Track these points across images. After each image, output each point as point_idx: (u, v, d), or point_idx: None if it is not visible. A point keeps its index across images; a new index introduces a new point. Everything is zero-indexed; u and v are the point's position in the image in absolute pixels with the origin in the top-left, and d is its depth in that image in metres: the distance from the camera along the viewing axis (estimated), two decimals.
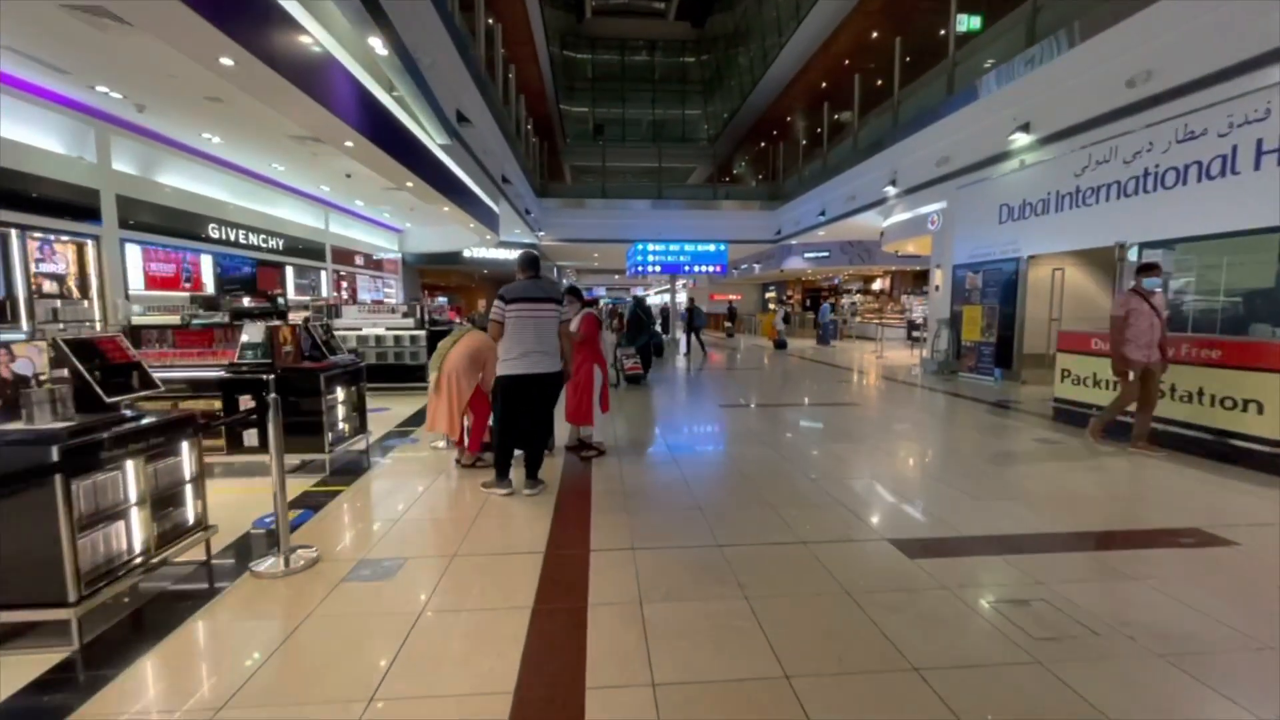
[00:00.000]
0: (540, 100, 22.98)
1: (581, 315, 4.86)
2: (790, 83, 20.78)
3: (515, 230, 18.19)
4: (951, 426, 6.33)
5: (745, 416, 6.86)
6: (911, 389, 9.24)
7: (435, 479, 4.35)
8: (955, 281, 11.25)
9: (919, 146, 12.23)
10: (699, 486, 4.14)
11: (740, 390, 9.17)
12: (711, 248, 17.16)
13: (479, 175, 10.67)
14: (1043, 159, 9.09)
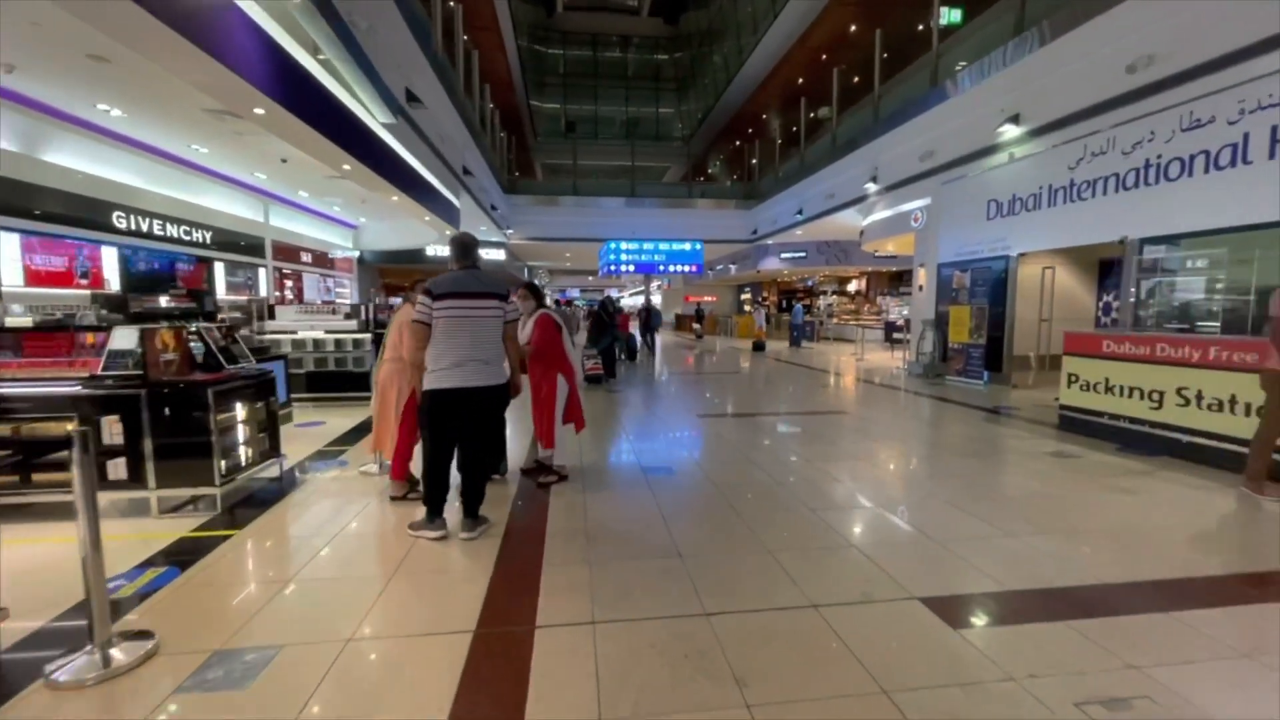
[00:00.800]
0: (508, 92, 22.06)
1: (536, 318, 4.08)
2: (766, 79, 20.32)
3: (481, 227, 17.25)
4: (952, 438, 5.75)
5: (725, 428, 6.17)
6: (898, 394, 8.70)
7: (354, 518, 3.53)
8: (940, 281, 10.80)
9: (901, 141, 11.78)
10: (678, 523, 3.42)
11: (718, 397, 8.50)
12: (687, 247, 16.53)
13: (435, 164, 9.79)
14: (1034, 152, 8.67)
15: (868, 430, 6.06)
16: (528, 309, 4.15)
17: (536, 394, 4.18)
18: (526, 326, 4.08)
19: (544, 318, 4.08)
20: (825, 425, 6.25)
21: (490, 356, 3.10)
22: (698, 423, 6.49)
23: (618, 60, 33.01)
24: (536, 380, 4.15)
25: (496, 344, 3.15)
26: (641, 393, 8.85)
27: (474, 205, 13.72)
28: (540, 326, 4.06)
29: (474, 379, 3.02)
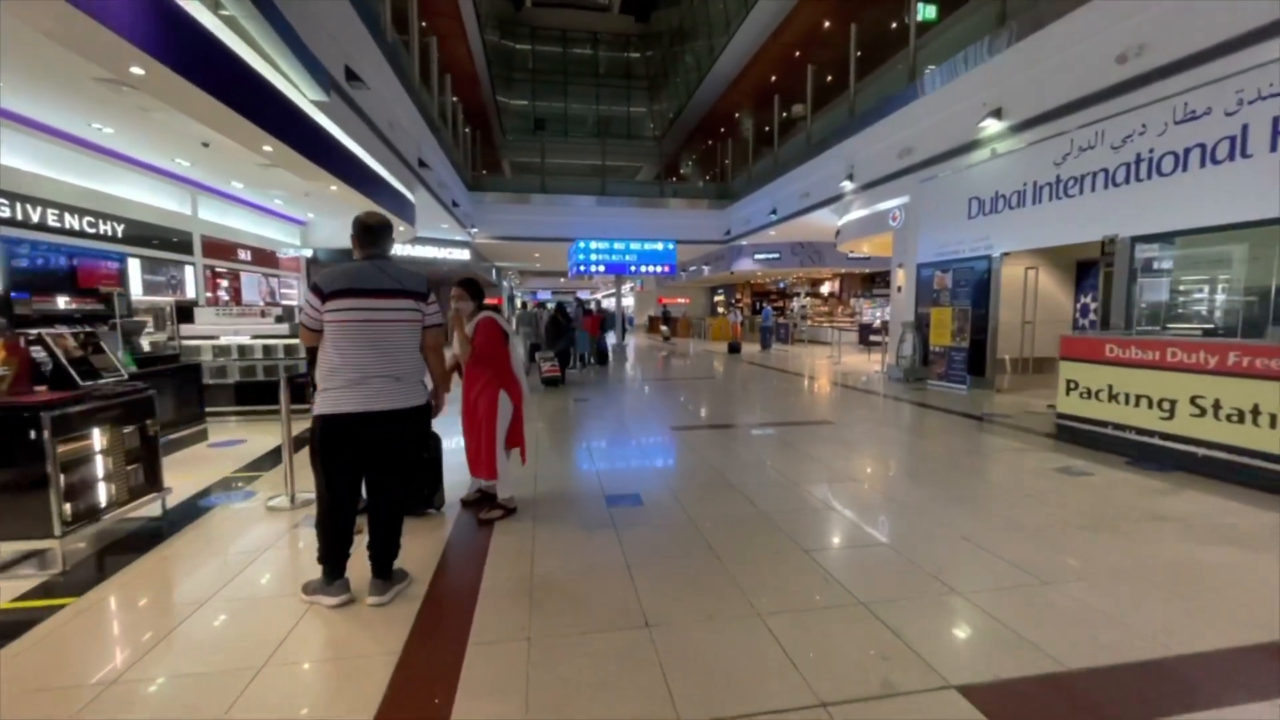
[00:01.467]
0: (472, 86, 21.17)
1: (477, 323, 3.40)
2: (738, 76, 19.93)
3: (442, 225, 16.37)
4: (948, 452, 5.25)
5: (701, 443, 5.57)
6: (881, 400, 8.25)
7: (237, 575, 2.79)
8: (920, 281, 10.44)
9: (878, 139, 11.42)
10: (645, 573, 2.78)
11: (692, 405, 7.91)
12: (659, 246, 15.96)
13: (383, 152, 8.98)
14: (1016, 147, 8.33)
15: (857, 444, 5.53)
16: (465, 311, 3.46)
17: (471, 413, 3.49)
18: (466, 329, 3.40)
19: (486, 322, 3.39)
20: (810, 438, 5.70)
21: (403, 371, 2.42)
22: (670, 436, 5.87)
23: (588, 58, 32.32)
24: (473, 396, 3.46)
25: (411, 356, 2.47)
26: (610, 400, 8.21)
27: (432, 201, 12.87)
28: (482, 332, 3.38)
29: (379, 400, 2.33)
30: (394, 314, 2.39)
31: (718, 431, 6.03)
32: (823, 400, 8.41)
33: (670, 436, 5.85)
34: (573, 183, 22.58)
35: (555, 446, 5.43)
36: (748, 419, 6.82)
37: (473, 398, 3.43)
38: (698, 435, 5.87)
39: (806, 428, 6.19)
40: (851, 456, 5.03)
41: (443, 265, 19.56)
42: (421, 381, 2.53)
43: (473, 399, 3.43)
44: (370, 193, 8.69)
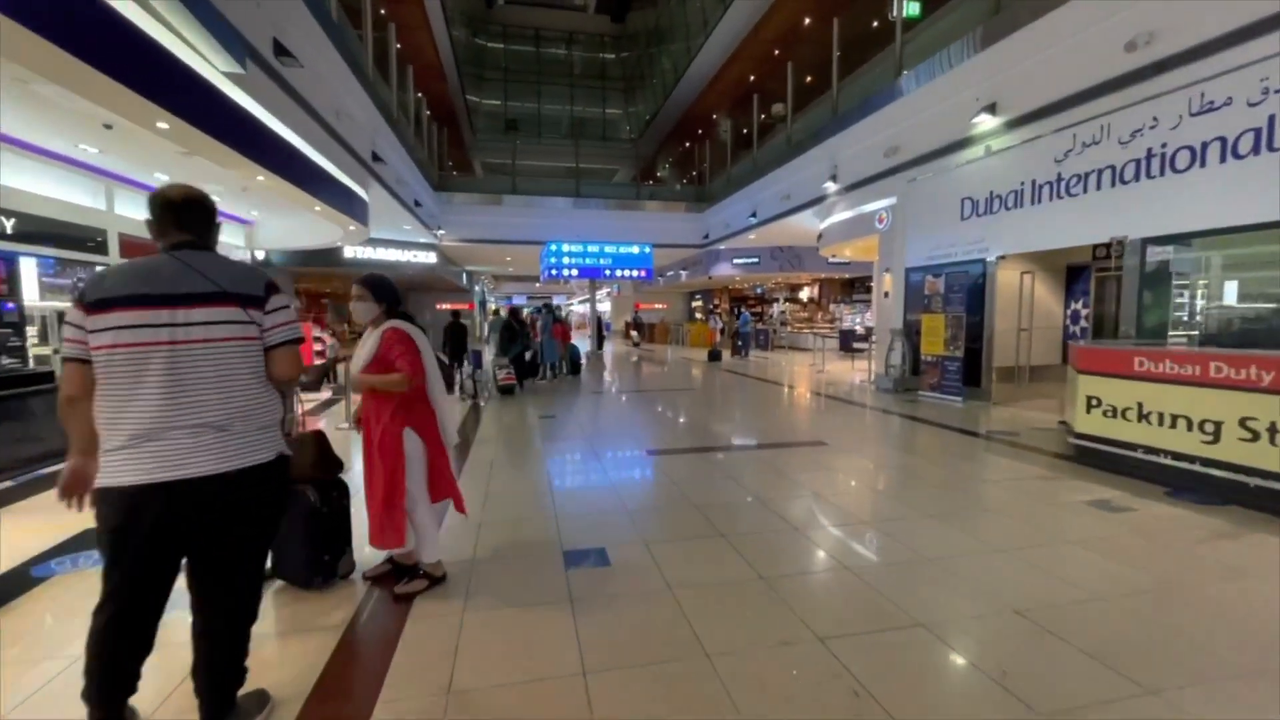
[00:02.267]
0: (438, 81, 20.24)
1: (381, 335, 2.59)
2: (716, 75, 19.41)
3: (405, 226, 15.40)
4: (961, 481, 4.62)
5: (681, 472, 4.84)
6: (872, 415, 7.64)
7: (48, 683, 1.94)
8: (909, 286, 9.92)
9: (863, 137, 10.91)
10: (609, 690, 2.02)
11: (670, 421, 7.19)
12: (636, 250, 15.26)
13: (327, 143, 8.07)
14: (1013, 144, 7.85)
15: (858, 472, 4.86)
16: (363, 314, 2.65)
17: (370, 460, 2.67)
18: (365, 348, 2.59)
19: (393, 334, 2.58)
20: (806, 464, 5.01)
21: (229, 415, 1.60)
22: (645, 462, 5.12)
23: (562, 58, 31.58)
24: (374, 439, 2.64)
25: (244, 391, 1.66)
26: (580, 416, 7.44)
27: (390, 200, 11.94)
28: (392, 345, 2.56)
29: (185, 464, 1.52)
30: (208, 330, 1.58)
31: (700, 457, 5.30)
32: (811, 415, 7.76)
33: (646, 463, 5.10)
34: (546, 184, 21.83)
35: (509, 480, 4.63)
36: (732, 438, 6.10)
37: (373, 440, 2.61)
38: (677, 461, 5.13)
39: (799, 450, 5.51)
40: (855, 490, 4.34)
41: (406, 269, 18.54)
42: (269, 428, 1.72)
43: (373, 442, 2.61)
44: (312, 187, 7.79)
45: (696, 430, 6.58)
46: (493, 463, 5.09)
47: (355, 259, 17.04)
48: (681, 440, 6.06)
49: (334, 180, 8.60)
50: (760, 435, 6.30)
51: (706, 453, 5.43)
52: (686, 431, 6.52)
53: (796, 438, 6.10)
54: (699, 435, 6.30)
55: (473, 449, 5.61)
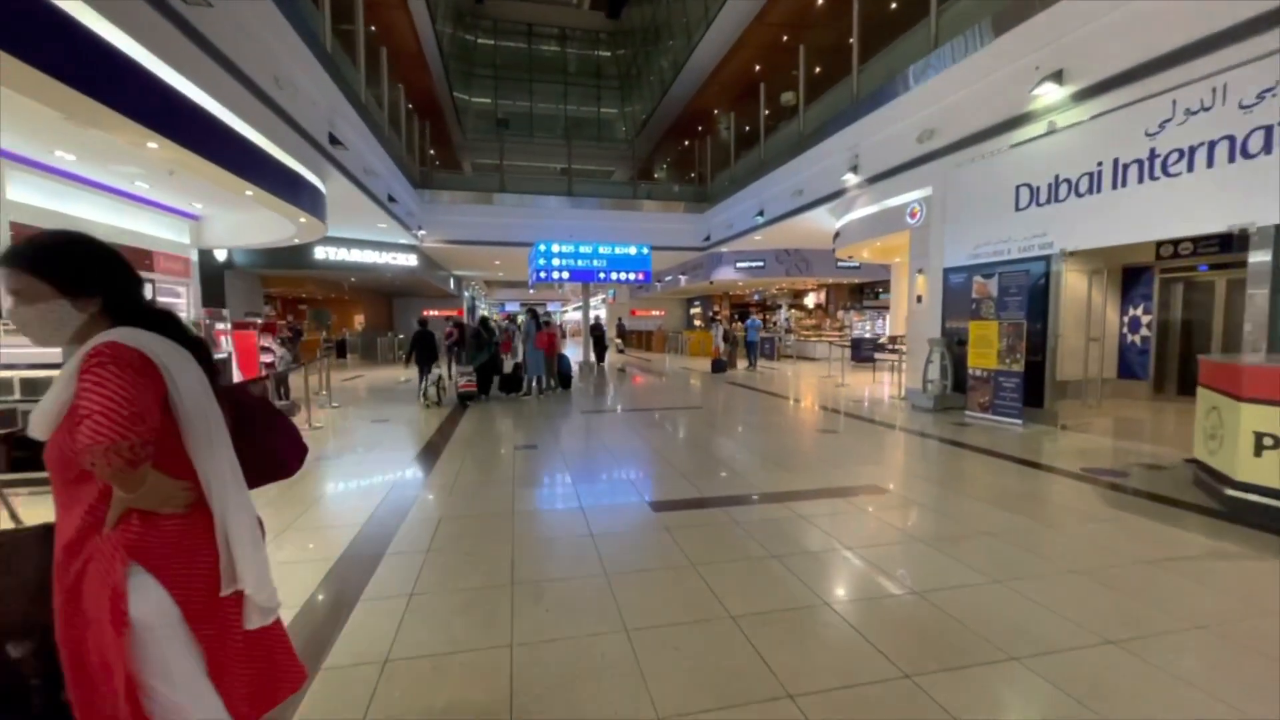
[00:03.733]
0: (418, 69, 18.92)
1: (84, 361, 1.13)
2: (719, 66, 18.18)
3: (380, 225, 14.04)
4: (1097, 554, 3.29)
5: (700, 546, 3.48)
6: (922, 443, 6.30)
7: None
8: (948, 289, 8.62)
9: (890, 121, 9.64)
10: None
11: (677, 455, 5.81)
12: (633, 251, 13.92)
13: (259, 113, 6.70)
14: (1087, 117, 6.57)
15: (948, 545, 3.49)
16: (25, 321, 1.22)
17: (69, 628, 1.19)
18: (54, 391, 1.19)
19: (104, 353, 1.14)
20: (867, 527, 3.66)
21: None
22: (647, 526, 3.75)
23: (555, 55, 30.40)
24: (64, 584, 1.18)
25: None
26: (565, 446, 6.06)
27: (356, 192, 10.57)
28: (82, 393, 1.12)
29: None
30: None
31: (722, 513, 3.93)
32: (850, 444, 6.40)
33: (648, 527, 3.73)
34: (537, 184, 20.57)
35: (456, 566, 3.25)
36: (761, 481, 4.73)
37: (66, 586, 1.20)
38: (692, 523, 3.76)
39: (855, 502, 4.14)
40: (957, 583, 2.97)
41: (385, 271, 17.18)
42: None
43: (65, 589, 1.20)
44: (238, 165, 6.43)
45: (713, 468, 5.21)
46: (441, 521, 3.72)
47: (327, 260, 15.67)
48: (696, 484, 4.69)
49: (273, 161, 7.23)
50: (798, 476, 4.93)
51: (730, 506, 4.06)
52: (701, 471, 5.14)
53: (845, 480, 4.73)
54: (718, 477, 4.92)
55: (415, 505, 4.22)
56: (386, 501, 4.13)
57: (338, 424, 7.59)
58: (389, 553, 3.25)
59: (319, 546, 3.39)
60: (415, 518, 3.79)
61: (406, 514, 3.85)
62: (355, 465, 5.33)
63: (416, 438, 6.59)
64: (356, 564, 3.11)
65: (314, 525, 3.77)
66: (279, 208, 7.81)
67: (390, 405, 9.23)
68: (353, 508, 4.00)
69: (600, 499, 4.26)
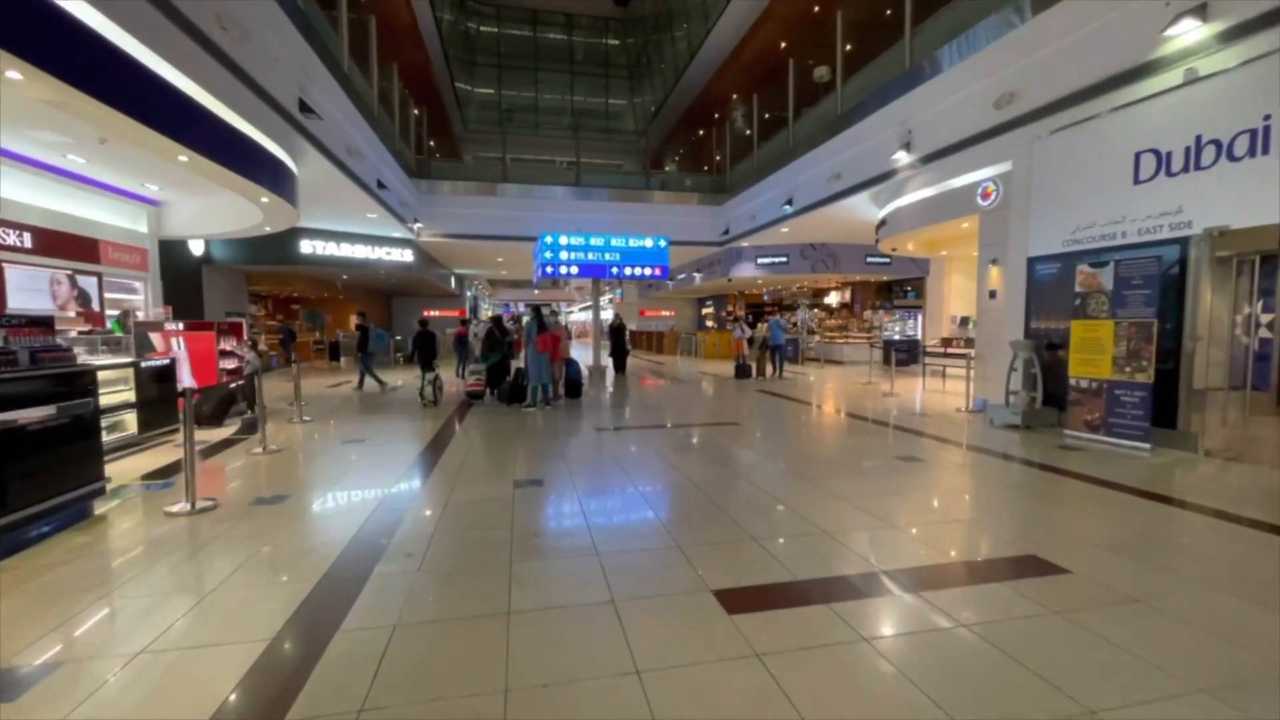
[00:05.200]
0: (414, 48, 17.62)
1: None
2: (740, 45, 16.81)
3: (369, 215, 12.73)
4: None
5: (820, 666, 2.10)
6: (1040, 479, 4.89)
7: None
8: (1035, 282, 7.21)
9: (956, 87, 8.24)
10: None
11: (725, 499, 4.43)
12: (648, 244, 12.54)
13: (197, 60, 5.38)
14: (1235, 63, 5.15)
15: (1235, 682, 2.09)
16: None
17: None
18: None
19: None
20: (1092, 658, 2.27)
21: None
22: (725, 642, 2.38)
23: (561, 44, 29.08)
24: None
25: None
26: (578, 482, 4.69)
27: (337, 174, 9.24)
28: None
29: None
30: None
31: (831, 616, 2.55)
32: (953, 482, 4.98)
33: (723, 644, 2.35)
34: (540, 170, 19.27)
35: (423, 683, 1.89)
36: (865, 548, 3.34)
37: None
38: (789, 634, 2.39)
39: (1024, 592, 2.74)
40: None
41: (379, 268, 15.86)
42: None
43: None
44: (174, 127, 5.10)
45: (791, 524, 3.80)
46: (386, 661, 2.36)
47: (314, 255, 14.37)
48: (775, 553, 3.30)
49: (216, 122, 5.89)
50: (911, 538, 3.53)
51: (844, 602, 2.67)
52: (775, 528, 3.75)
53: (984, 545, 3.34)
54: (804, 541, 3.52)
55: (359, 603, 2.85)
56: (313, 602, 2.76)
57: (302, 445, 6.25)
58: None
59: (182, 688, 2.03)
60: (350, 643, 2.42)
61: (337, 628, 2.48)
62: (291, 523, 3.97)
63: (391, 467, 5.24)
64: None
65: (194, 642, 2.42)
66: (231, 182, 6.48)
67: (371, 420, 7.88)
68: (256, 616, 2.63)
69: (639, 583, 2.88)
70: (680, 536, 3.44)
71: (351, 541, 3.38)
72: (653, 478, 4.83)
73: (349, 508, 4.06)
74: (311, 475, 5.00)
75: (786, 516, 3.82)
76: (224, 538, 3.47)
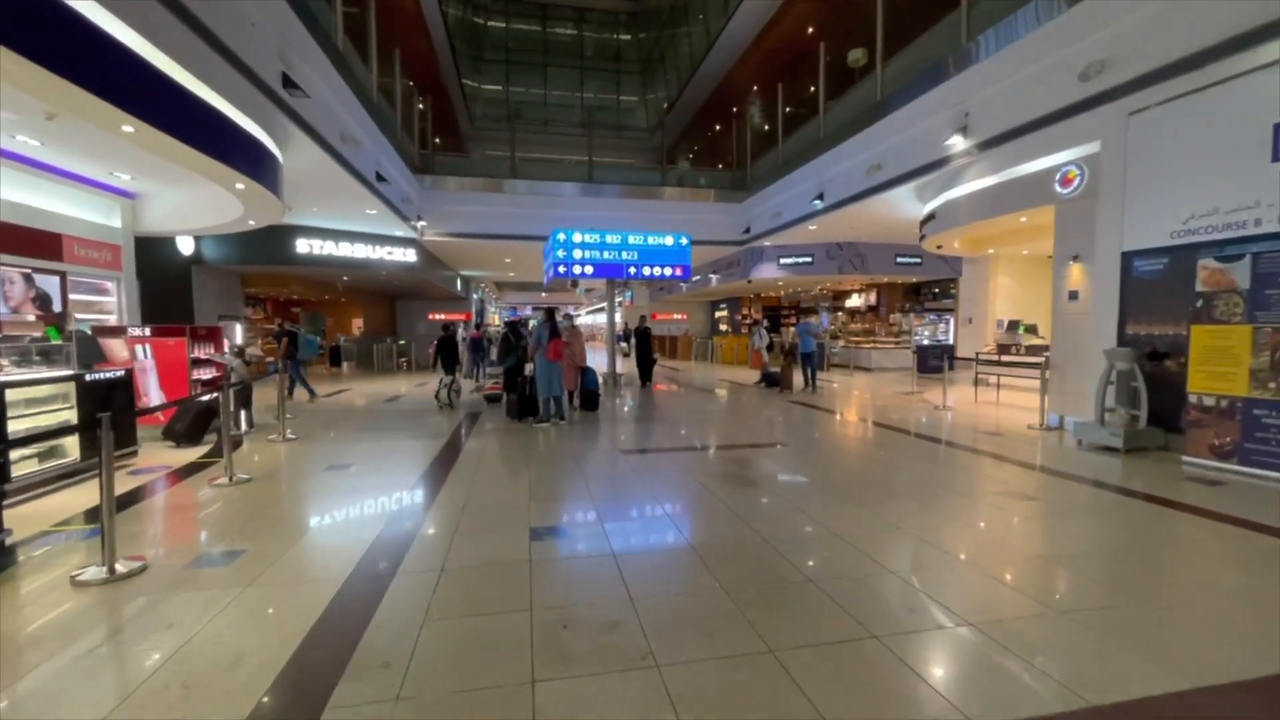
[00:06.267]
0: (418, 34, 16.80)
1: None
2: (763, 31, 15.86)
3: (369, 211, 11.83)
4: None
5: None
6: (1173, 521, 3.87)
7: None
8: (1130, 281, 6.18)
9: (1027, 60, 7.24)
10: None
11: (813, 551, 3.45)
12: (668, 241, 11.59)
13: (148, 15, 4.47)
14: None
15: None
16: None
17: None
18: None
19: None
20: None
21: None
22: None
23: (571, 39, 28.22)
24: None
25: None
26: (609, 523, 3.72)
27: (331, 164, 8.34)
28: None
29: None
30: None
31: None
32: (1096, 533, 3.97)
33: None
34: (549, 167, 18.40)
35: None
36: (1060, 679, 2.36)
37: None
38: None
39: None
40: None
41: (380, 269, 14.97)
42: None
43: None
44: (118, 92, 4.18)
45: (919, 614, 2.82)
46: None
47: (311, 254, 13.50)
48: (923, 672, 2.33)
49: (170, 86, 4.96)
50: (1115, 648, 2.54)
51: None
52: (897, 621, 2.77)
53: (1219, 664, 2.35)
54: (952, 646, 2.54)
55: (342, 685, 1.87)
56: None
57: (277, 472, 5.31)
58: None
59: None
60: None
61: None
62: (232, 603, 3.01)
63: (377, 504, 4.28)
64: None
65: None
66: (195, 162, 5.56)
67: (364, 439, 6.95)
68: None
69: (719, 712, 1.90)
70: (769, 631, 2.45)
71: (308, 639, 2.41)
72: (707, 527, 3.84)
73: (315, 573, 3.10)
74: (279, 518, 4.04)
75: (915, 599, 2.81)
76: (134, 628, 2.52)
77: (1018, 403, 9.29)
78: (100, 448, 3.17)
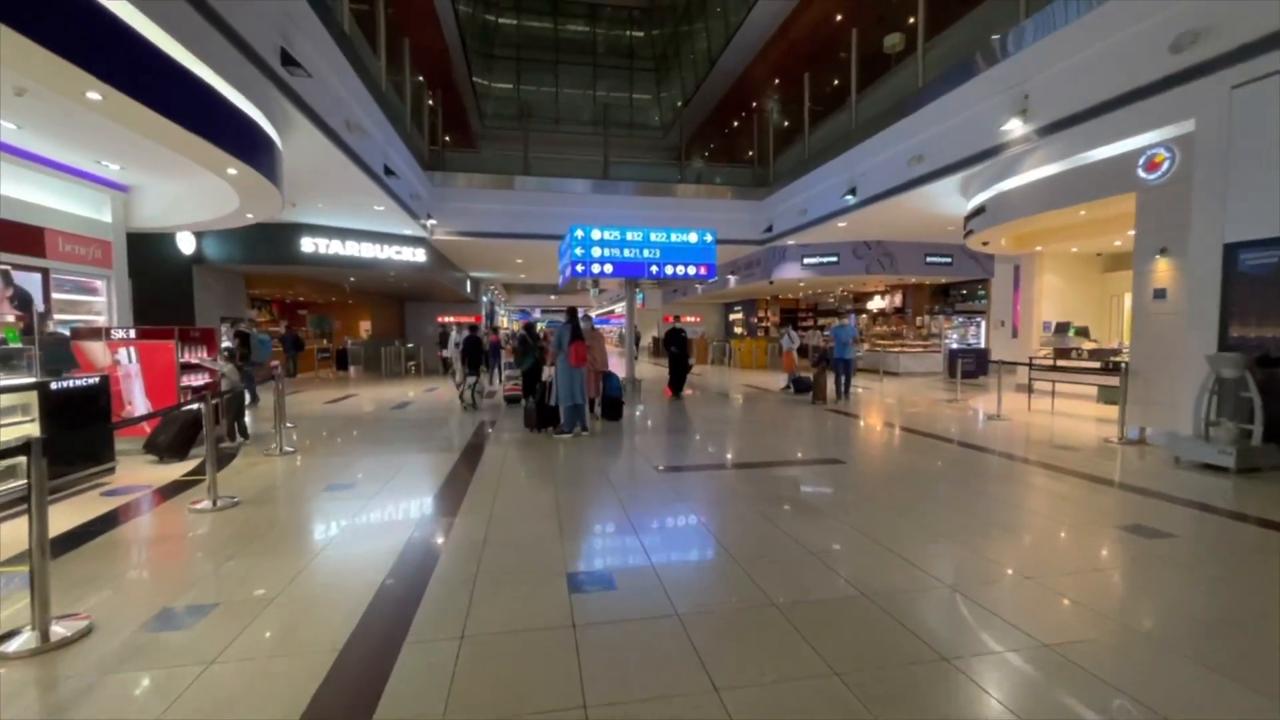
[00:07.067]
0: (427, 24, 16.27)
1: None
2: (786, 21, 15.19)
3: (377, 207, 11.25)
4: None
5: None
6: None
7: None
8: (1233, 278, 5.44)
9: (1103, 32, 6.52)
10: None
11: (903, 594, 2.76)
12: (692, 238, 10.92)
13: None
14: None
15: None
16: None
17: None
18: None
19: None
20: None
21: None
22: None
23: (583, 36, 27.66)
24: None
25: None
26: (663, 569, 3.05)
27: (336, 153, 7.75)
28: None
29: None
30: None
31: None
32: (1247, 582, 3.26)
33: None
34: (562, 163, 17.80)
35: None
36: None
37: None
38: None
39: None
40: None
41: (388, 269, 14.39)
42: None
43: None
44: (94, 60, 3.58)
45: (1086, 695, 2.13)
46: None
47: (316, 253, 12.94)
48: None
49: (155, 55, 4.35)
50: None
51: None
52: (1051, 709, 2.09)
53: None
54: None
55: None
56: None
57: (269, 493, 4.68)
58: None
59: None
60: None
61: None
62: (187, 689, 2.36)
63: (381, 540, 3.64)
64: None
65: None
66: (177, 140, 4.95)
67: (369, 452, 6.31)
68: None
69: None
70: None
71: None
72: (782, 574, 3.14)
73: (301, 640, 2.44)
74: (264, 555, 3.39)
75: (1088, 688, 2.11)
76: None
77: (1076, 411, 8.54)
78: (73, 463, 2.53)
